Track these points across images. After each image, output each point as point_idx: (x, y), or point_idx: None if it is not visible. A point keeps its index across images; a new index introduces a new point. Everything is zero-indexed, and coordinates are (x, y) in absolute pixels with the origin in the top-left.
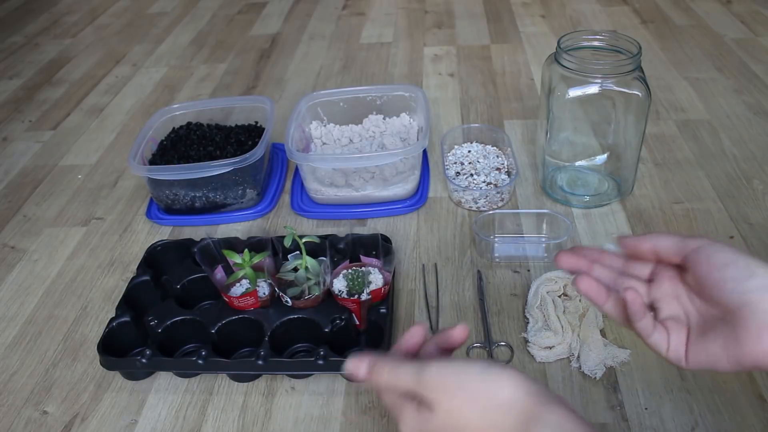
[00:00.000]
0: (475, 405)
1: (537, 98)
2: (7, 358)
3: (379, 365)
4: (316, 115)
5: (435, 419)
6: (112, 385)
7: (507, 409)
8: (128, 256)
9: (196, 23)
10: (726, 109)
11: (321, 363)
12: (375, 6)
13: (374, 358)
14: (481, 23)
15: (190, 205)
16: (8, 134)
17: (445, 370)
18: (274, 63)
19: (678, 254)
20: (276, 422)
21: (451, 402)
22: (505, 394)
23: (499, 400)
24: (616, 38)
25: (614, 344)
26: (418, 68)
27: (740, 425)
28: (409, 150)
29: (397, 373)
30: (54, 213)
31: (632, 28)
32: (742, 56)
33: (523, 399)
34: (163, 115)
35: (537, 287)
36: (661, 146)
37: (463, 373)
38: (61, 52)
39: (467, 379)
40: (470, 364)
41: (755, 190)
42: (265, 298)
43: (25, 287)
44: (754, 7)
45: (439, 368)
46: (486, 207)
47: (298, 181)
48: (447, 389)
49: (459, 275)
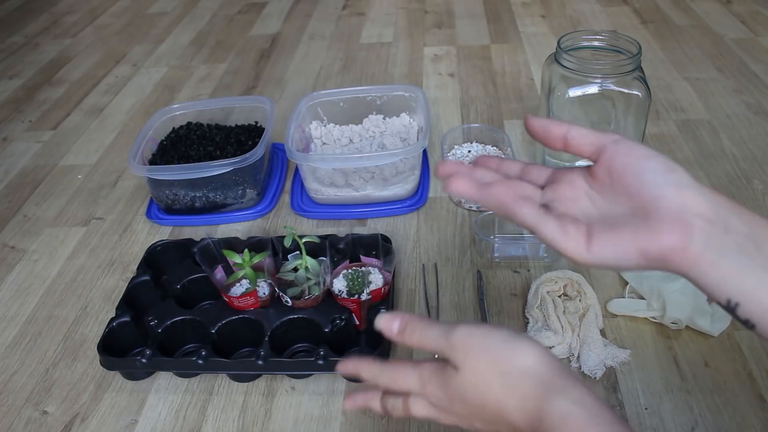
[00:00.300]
0: (496, 368)
1: (537, 98)
2: (7, 358)
3: (412, 325)
4: (316, 115)
5: (458, 378)
6: (112, 385)
7: (527, 377)
8: (128, 256)
9: (196, 23)
10: (726, 109)
11: (321, 363)
12: (375, 6)
13: (406, 317)
14: (481, 23)
15: (190, 205)
16: (8, 134)
17: (473, 332)
18: (274, 63)
19: (593, 144)
20: (276, 422)
21: (475, 362)
22: (527, 362)
23: (520, 367)
24: (616, 38)
25: (614, 344)
26: (418, 68)
27: (740, 425)
28: (409, 150)
29: (427, 334)
30: (54, 213)
31: (632, 28)
32: (742, 56)
33: (545, 371)
34: (163, 115)
35: (537, 287)
36: (661, 146)
37: (489, 336)
38: (61, 52)
39: (492, 342)
40: (497, 329)
41: (755, 190)
42: (265, 298)
43: (25, 287)
44: (754, 7)
45: (467, 330)
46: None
47: (298, 181)
48: (473, 350)
49: (459, 275)
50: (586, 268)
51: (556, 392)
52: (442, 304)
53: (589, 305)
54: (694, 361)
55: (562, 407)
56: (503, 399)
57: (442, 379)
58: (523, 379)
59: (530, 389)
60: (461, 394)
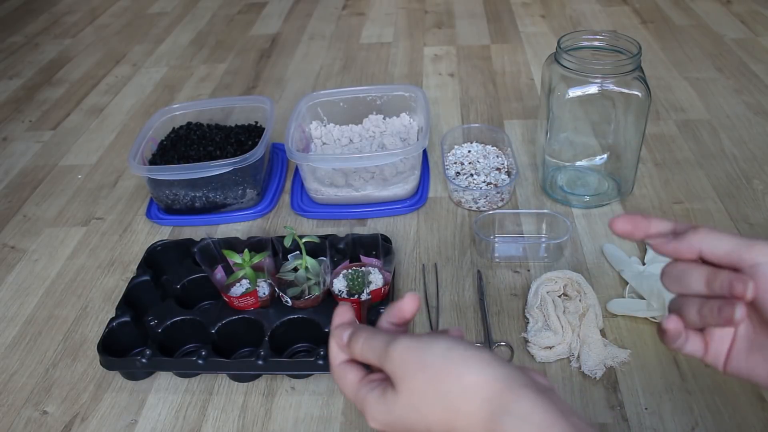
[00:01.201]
0: (437, 387)
1: (537, 98)
2: (7, 358)
3: (357, 334)
4: (316, 115)
5: (399, 402)
6: (112, 385)
7: (470, 396)
8: (128, 256)
9: (196, 23)
10: (726, 109)
11: (321, 363)
12: (375, 6)
13: (356, 326)
14: (481, 23)
15: (190, 205)
16: (8, 134)
17: (411, 345)
18: (274, 63)
19: (731, 265)
20: (276, 422)
21: (412, 382)
22: (469, 378)
23: (463, 385)
24: (616, 38)
25: (614, 344)
26: (418, 68)
27: (740, 425)
28: (409, 150)
29: (369, 344)
30: (54, 213)
31: (632, 28)
32: (742, 56)
33: (489, 384)
34: (163, 115)
35: (537, 287)
36: (661, 146)
37: (427, 350)
38: (61, 52)
39: (430, 357)
40: (436, 341)
41: (755, 190)
42: (265, 298)
43: (25, 287)
44: (754, 7)
45: (407, 343)
46: (486, 207)
47: (298, 181)
48: (410, 367)
49: (459, 275)
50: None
51: (503, 410)
52: (442, 304)
53: (589, 305)
54: (694, 361)
55: (510, 428)
56: (448, 421)
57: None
58: (465, 399)
59: (475, 409)
60: (403, 418)
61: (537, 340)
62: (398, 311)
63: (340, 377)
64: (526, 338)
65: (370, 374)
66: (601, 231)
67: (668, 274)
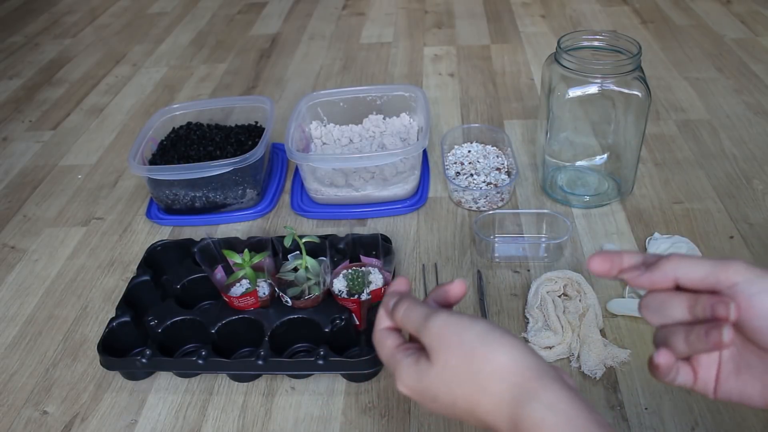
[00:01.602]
0: (469, 365)
1: (537, 98)
2: (7, 358)
3: (401, 302)
4: (316, 115)
5: (431, 372)
6: (112, 385)
7: (500, 378)
8: (128, 256)
9: (196, 23)
10: (726, 109)
11: (321, 363)
12: (375, 6)
13: (404, 296)
14: (481, 23)
15: (190, 205)
16: (8, 134)
17: (450, 322)
18: (274, 63)
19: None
20: (276, 422)
21: (447, 356)
22: (500, 361)
23: (492, 367)
24: (616, 38)
25: (614, 344)
26: (418, 68)
27: (740, 425)
28: (409, 150)
29: (410, 313)
30: (54, 213)
31: (632, 28)
32: (742, 56)
33: (520, 371)
34: (163, 115)
35: (537, 287)
36: (661, 146)
37: (465, 329)
38: (61, 52)
39: (467, 336)
40: (475, 322)
41: (755, 190)
42: (265, 298)
43: (25, 287)
44: (754, 7)
45: (446, 319)
46: (486, 207)
47: (298, 181)
48: (445, 341)
49: (459, 275)
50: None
51: (530, 397)
52: None
53: (589, 305)
54: None
55: (535, 414)
56: (474, 398)
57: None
58: (494, 380)
59: (502, 392)
60: (431, 388)
61: (537, 340)
62: (444, 293)
63: (380, 341)
64: (526, 338)
65: (408, 343)
66: (601, 231)
67: (647, 306)
